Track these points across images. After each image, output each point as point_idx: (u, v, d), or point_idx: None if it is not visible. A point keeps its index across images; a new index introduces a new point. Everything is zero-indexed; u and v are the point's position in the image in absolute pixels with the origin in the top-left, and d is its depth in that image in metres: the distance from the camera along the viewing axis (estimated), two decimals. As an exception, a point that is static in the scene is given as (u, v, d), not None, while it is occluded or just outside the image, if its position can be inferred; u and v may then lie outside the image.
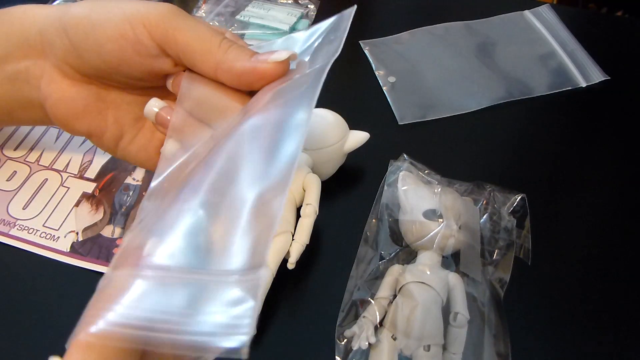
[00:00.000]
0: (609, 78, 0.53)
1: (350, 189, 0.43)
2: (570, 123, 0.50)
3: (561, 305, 0.37)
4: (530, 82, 0.53)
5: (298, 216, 0.36)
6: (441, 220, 0.36)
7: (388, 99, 0.51)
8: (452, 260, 0.37)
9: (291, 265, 0.33)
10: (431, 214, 0.37)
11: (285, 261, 0.34)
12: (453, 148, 0.47)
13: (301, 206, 0.36)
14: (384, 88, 0.52)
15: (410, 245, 0.38)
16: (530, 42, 0.57)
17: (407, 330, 0.32)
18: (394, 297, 0.35)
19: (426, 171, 0.42)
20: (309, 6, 0.61)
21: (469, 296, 0.35)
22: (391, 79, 0.53)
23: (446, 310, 0.34)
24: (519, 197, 0.41)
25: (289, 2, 0.61)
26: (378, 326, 0.34)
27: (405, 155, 0.43)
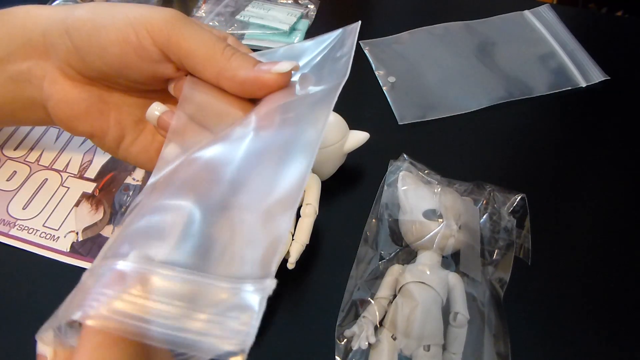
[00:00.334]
0: (609, 78, 0.53)
1: (350, 189, 0.43)
2: (570, 123, 0.50)
3: (561, 305, 0.37)
4: (530, 82, 0.53)
5: (298, 216, 0.36)
6: (441, 220, 0.36)
7: (388, 99, 0.51)
8: (452, 260, 0.37)
9: (291, 265, 0.33)
10: (431, 214, 0.37)
11: (285, 261, 0.34)
12: (453, 148, 0.47)
13: (301, 206, 0.36)
14: (384, 88, 0.52)
15: (410, 245, 0.38)
16: (530, 42, 0.57)
17: (407, 330, 0.32)
18: (394, 297, 0.35)
19: (426, 171, 0.42)
20: (309, 6, 0.61)
21: (469, 296, 0.35)
22: (391, 79, 0.53)
23: (446, 310, 0.34)
24: (519, 197, 0.41)
25: (289, 2, 0.61)
26: (378, 326, 0.34)
27: (405, 155, 0.43)
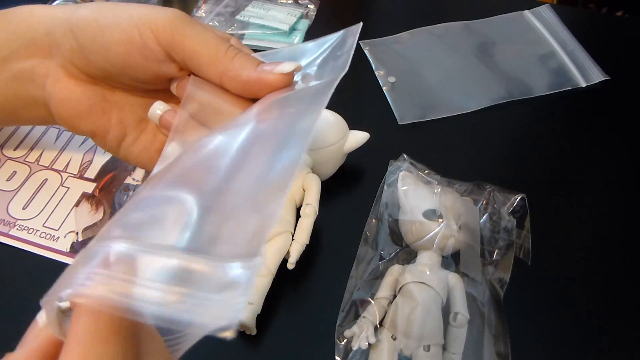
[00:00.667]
0: (609, 78, 0.53)
1: (350, 189, 0.43)
2: (570, 123, 0.50)
3: (561, 305, 0.37)
4: (530, 82, 0.53)
5: (298, 216, 0.36)
6: (441, 220, 0.36)
7: (388, 99, 0.51)
8: (452, 260, 0.37)
9: (291, 265, 0.33)
10: (431, 214, 0.37)
11: (285, 261, 0.34)
12: (453, 148, 0.47)
13: (301, 206, 0.36)
14: (384, 88, 0.52)
15: (410, 245, 0.38)
16: (530, 42, 0.57)
17: (407, 330, 0.32)
18: (394, 297, 0.35)
19: (426, 171, 0.42)
20: (309, 6, 0.61)
21: (469, 296, 0.35)
22: (391, 79, 0.53)
23: (446, 310, 0.34)
24: (519, 197, 0.41)
25: (289, 2, 0.61)
26: (378, 326, 0.34)
27: (405, 155, 0.43)
